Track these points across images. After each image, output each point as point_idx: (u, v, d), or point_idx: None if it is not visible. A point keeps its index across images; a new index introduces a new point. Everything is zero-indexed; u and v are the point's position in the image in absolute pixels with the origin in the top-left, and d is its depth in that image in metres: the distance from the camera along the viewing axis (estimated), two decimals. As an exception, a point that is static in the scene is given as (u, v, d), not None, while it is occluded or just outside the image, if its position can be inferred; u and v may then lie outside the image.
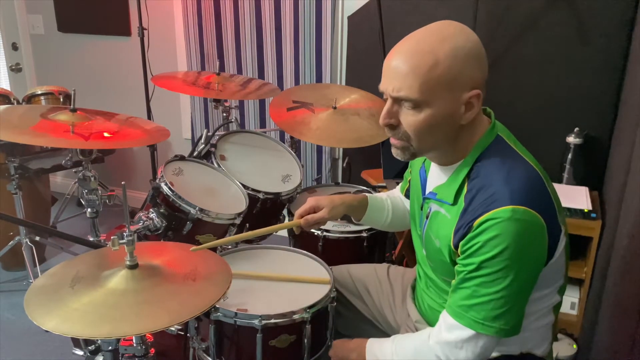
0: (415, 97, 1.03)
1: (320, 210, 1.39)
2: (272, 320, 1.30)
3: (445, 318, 1.12)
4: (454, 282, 1.10)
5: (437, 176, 1.20)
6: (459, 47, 1.03)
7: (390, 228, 1.57)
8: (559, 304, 1.21)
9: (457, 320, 1.08)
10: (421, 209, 1.24)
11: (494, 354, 1.18)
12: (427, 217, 1.20)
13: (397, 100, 1.07)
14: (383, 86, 1.09)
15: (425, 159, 1.28)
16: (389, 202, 1.52)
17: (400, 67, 1.04)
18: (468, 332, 1.07)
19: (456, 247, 1.09)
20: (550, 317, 1.19)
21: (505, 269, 1.01)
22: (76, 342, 1.76)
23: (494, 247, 1.00)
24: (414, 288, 1.44)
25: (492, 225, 1.00)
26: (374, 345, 1.25)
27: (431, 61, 1.02)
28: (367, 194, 1.50)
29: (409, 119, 1.07)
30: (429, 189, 1.22)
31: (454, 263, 1.12)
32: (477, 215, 1.03)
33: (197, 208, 1.58)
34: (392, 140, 1.13)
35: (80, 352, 1.77)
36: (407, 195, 1.49)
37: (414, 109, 1.05)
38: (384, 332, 1.49)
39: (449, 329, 1.10)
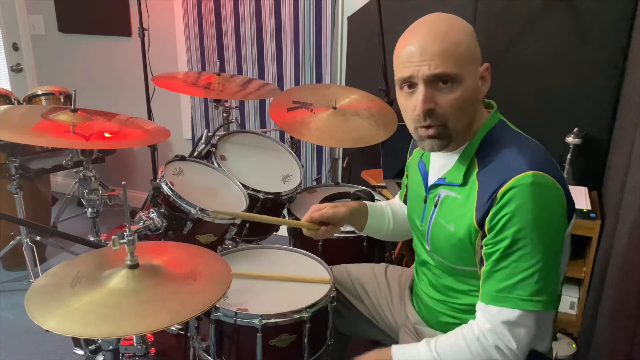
0: (453, 72, 1.05)
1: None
2: (272, 320, 1.31)
3: (486, 309, 1.07)
4: (485, 268, 1.08)
5: (442, 164, 1.20)
6: (464, 25, 1.11)
7: (393, 236, 1.53)
8: (559, 298, 1.21)
9: (502, 306, 1.05)
10: (425, 202, 1.24)
11: None
12: (435, 206, 1.20)
13: (432, 82, 1.06)
14: (411, 71, 1.06)
15: (422, 154, 1.29)
16: (389, 209, 1.50)
17: (429, 47, 1.05)
18: (516, 313, 1.04)
19: (480, 225, 1.07)
20: (552, 313, 1.19)
21: (539, 237, 1.01)
22: (77, 341, 1.77)
23: (524, 215, 1.01)
24: (411, 289, 1.44)
25: (517, 194, 1.01)
26: (402, 349, 1.17)
27: (454, 38, 1.06)
28: (366, 202, 1.48)
29: (447, 97, 1.06)
30: (434, 178, 1.22)
31: (472, 246, 1.10)
32: (499, 186, 1.03)
33: (197, 208, 1.58)
34: (426, 132, 1.10)
35: (80, 352, 1.77)
36: (406, 202, 1.47)
37: (450, 87, 1.06)
38: (383, 331, 1.50)
39: (494, 319, 1.06)
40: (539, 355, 1.19)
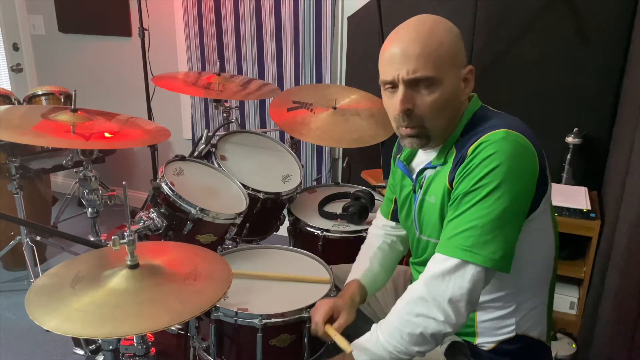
0: (432, 75, 1.07)
1: (339, 315, 1.26)
2: (273, 320, 1.31)
3: (432, 258, 1.08)
4: (445, 219, 1.09)
5: (426, 157, 1.23)
6: (450, 27, 1.12)
7: (391, 270, 1.46)
8: (553, 283, 1.21)
9: (443, 253, 1.04)
10: (414, 192, 1.25)
11: (490, 344, 1.18)
12: (421, 188, 1.21)
13: (412, 84, 1.09)
14: (392, 74, 1.09)
15: (399, 157, 1.30)
16: (375, 264, 1.40)
17: (410, 50, 1.07)
18: (454, 261, 1.02)
19: (451, 182, 1.09)
20: (543, 296, 1.19)
21: (497, 188, 1.01)
22: (77, 341, 1.77)
23: (489, 163, 1.02)
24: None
25: (487, 146, 1.03)
26: (356, 345, 1.13)
27: (436, 40, 1.08)
28: (357, 280, 1.36)
29: (426, 99, 1.09)
30: (420, 166, 1.23)
31: (446, 212, 1.11)
32: (471, 144, 1.06)
33: (197, 208, 1.58)
34: (405, 131, 1.13)
35: (81, 352, 1.77)
36: (394, 218, 1.44)
37: (429, 89, 1.08)
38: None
39: (435, 264, 1.05)
40: (534, 340, 1.19)
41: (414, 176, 1.25)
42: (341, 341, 1.18)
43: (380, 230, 1.48)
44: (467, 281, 1.02)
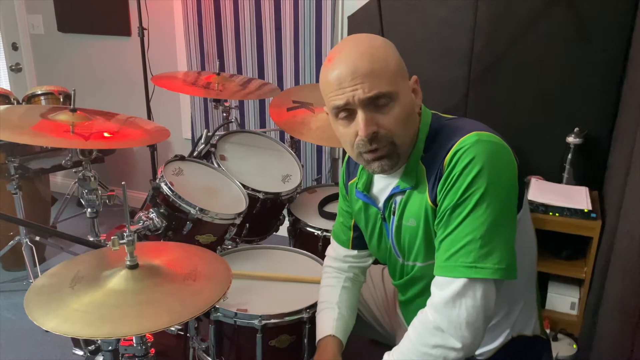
0: (389, 90, 1.01)
1: None
2: (272, 320, 1.30)
3: (434, 282, 1.02)
4: (436, 239, 1.03)
5: (386, 184, 1.16)
6: (385, 41, 1.07)
7: (356, 308, 1.36)
8: (536, 277, 1.20)
9: (446, 275, 0.98)
10: (385, 220, 1.18)
11: (489, 352, 1.16)
12: (393, 214, 1.15)
13: (369, 104, 1.01)
14: (345, 97, 1.01)
15: (355, 187, 1.22)
16: (343, 309, 1.29)
17: (359, 68, 1.00)
18: (461, 282, 0.96)
19: (434, 201, 1.03)
20: (531, 294, 1.19)
21: (485, 194, 0.96)
22: (76, 342, 1.76)
23: (470, 170, 0.97)
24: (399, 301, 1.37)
25: (463, 152, 0.98)
26: None
27: (381, 56, 1.02)
28: (329, 335, 1.25)
29: (388, 117, 1.02)
30: (386, 194, 1.16)
31: (434, 232, 1.06)
32: (444, 155, 1.01)
33: (197, 208, 1.58)
34: (374, 154, 1.05)
35: (80, 352, 1.77)
36: (355, 246, 1.34)
37: (388, 106, 1.02)
38: (382, 334, 1.49)
39: (441, 289, 0.99)
40: (529, 338, 1.18)
41: (381, 204, 1.17)
42: None
43: (341, 264, 1.36)
44: (480, 299, 0.97)
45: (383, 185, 1.17)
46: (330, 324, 1.26)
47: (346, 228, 1.34)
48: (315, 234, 1.78)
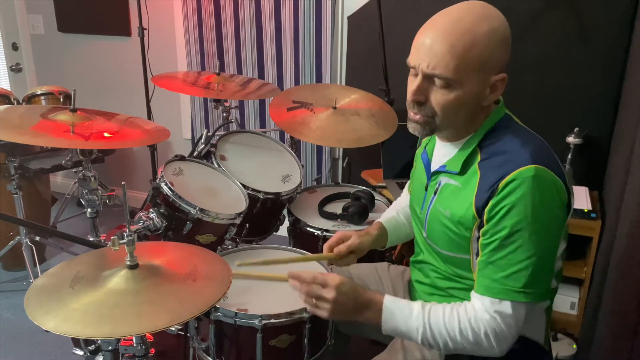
0: (450, 76, 1.04)
1: (349, 239, 1.36)
2: (272, 320, 1.30)
3: (481, 300, 1.08)
4: (480, 258, 1.09)
5: (444, 153, 1.21)
6: (495, 29, 1.06)
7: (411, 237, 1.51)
8: (555, 290, 1.20)
9: (495, 297, 1.06)
10: (426, 190, 1.24)
11: None
12: (435, 193, 1.20)
13: (429, 78, 1.07)
14: (415, 61, 1.08)
15: (427, 144, 1.30)
16: (401, 216, 1.49)
17: (436, 45, 1.04)
18: (507, 304, 1.05)
19: (479, 213, 1.08)
20: (545, 303, 1.19)
21: (536, 230, 1.02)
22: (76, 342, 1.76)
23: (523, 207, 1.02)
24: (410, 292, 1.43)
25: (518, 186, 1.02)
26: (395, 301, 1.14)
27: (469, 42, 1.03)
28: (379, 221, 1.47)
29: (439, 97, 1.07)
30: (436, 165, 1.22)
31: (468, 232, 1.11)
32: (501, 177, 1.04)
33: (197, 208, 1.58)
34: (414, 116, 1.12)
35: (80, 352, 1.77)
36: None
37: (445, 88, 1.06)
38: (382, 334, 1.48)
39: (488, 308, 1.07)
40: (535, 344, 1.19)
41: (429, 175, 1.24)
42: (322, 256, 1.35)
43: (403, 199, 1.53)
44: (521, 318, 1.07)
45: (441, 154, 1.22)
46: (384, 218, 1.48)
47: (412, 175, 1.46)
48: (315, 234, 1.78)
